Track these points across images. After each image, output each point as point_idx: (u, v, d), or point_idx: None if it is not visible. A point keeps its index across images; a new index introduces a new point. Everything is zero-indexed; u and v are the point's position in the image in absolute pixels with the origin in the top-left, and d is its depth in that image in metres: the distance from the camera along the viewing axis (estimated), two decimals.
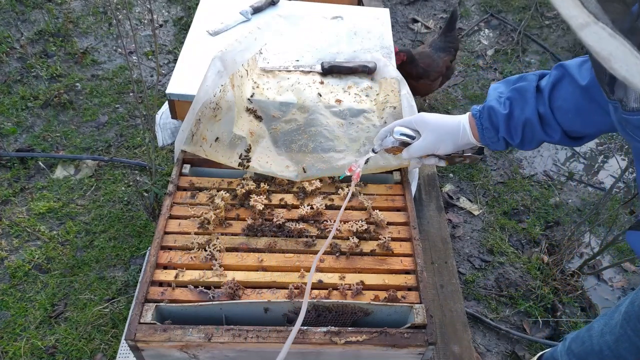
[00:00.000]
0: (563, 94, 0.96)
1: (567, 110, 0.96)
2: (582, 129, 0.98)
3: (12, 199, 2.22)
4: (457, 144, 1.14)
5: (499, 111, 1.03)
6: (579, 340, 1.44)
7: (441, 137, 1.13)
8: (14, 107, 2.59)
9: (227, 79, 1.41)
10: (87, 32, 3.09)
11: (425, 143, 1.14)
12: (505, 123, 1.03)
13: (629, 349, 1.23)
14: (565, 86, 0.96)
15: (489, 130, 1.07)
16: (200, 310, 1.11)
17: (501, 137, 1.06)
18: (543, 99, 0.99)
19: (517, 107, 1.02)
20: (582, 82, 0.92)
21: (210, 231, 1.26)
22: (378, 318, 1.14)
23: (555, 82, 0.98)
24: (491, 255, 2.22)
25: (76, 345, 1.79)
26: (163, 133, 2.37)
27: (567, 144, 1.03)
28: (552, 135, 1.01)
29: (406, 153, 1.19)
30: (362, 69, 1.60)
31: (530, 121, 1.00)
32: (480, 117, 1.08)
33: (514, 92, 1.03)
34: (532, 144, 1.05)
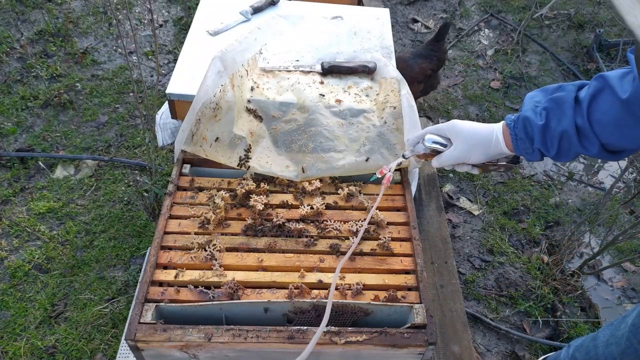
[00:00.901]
0: (602, 107, 0.93)
1: (606, 123, 0.93)
2: (620, 143, 0.95)
3: (12, 199, 2.22)
4: (489, 154, 1.11)
5: (534, 122, 1.00)
6: (584, 349, 1.42)
7: (473, 146, 1.10)
8: (14, 107, 2.59)
9: (227, 79, 1.41)
10: (87, 32, 3.09)
11: (457, 152, 1.12)
12: (541, 134, 1.00)
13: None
14: (605, 98, 0.93)
15: (523, 141, 1.04)
16: (200, 310, 1.11)
17: (536, 149, 1.03)
18: (581, 111, 0.95)
19: (554, 118, 0.98)
20: (622, 95, 0.89)
21: (210, 231, 1.26)
22: (378, 318, 1.14)
23: (594, 94, 0.94)
24: (491, 255, 2.22)
25: (76, 345, 1.79)
26: (163, 133, 2.37)
27: (605, 157, 1.00)
28: (589, 148, 0.97)
29: (436, 162, 1.16)
30: (362, 69, 1.60)
31: (568, 133, 0.97)
32: (515, 127, 1.05)
33: (551, 102, 1.00)
34: (568, 156, 1.02)
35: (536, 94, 1.05)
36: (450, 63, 3.21)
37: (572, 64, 3.21)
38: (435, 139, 1.15)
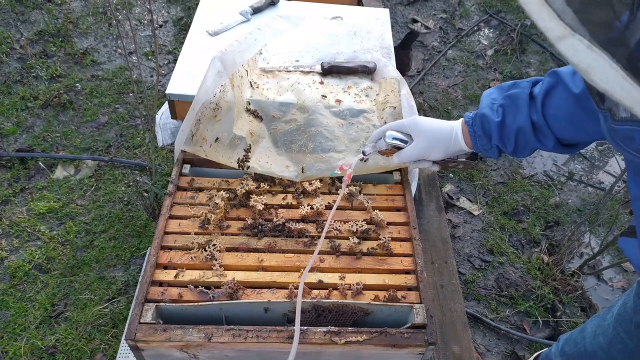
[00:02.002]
0: (556, 102, 0.96)
1: (560, 118, 0.96)
2: (575, 137, 0.97)
3: (12, 199, 2.22)
4: (449, 151, 1.13)
5: (491, 119, 1.02)
6: (572, 341, 1.43)
7: (433, 143, 1.12)
8: (14, 107, 2.59)
9: (227, 79, 1.41)
10: (87, 32, 3.09)
11: (418, 149, 1.14)
12: (498, 131, 1.02)
13: (621, 350, 1.22)
14: (558, 94, 0.95)
15: (481, 137, 1.06)
16: (200, 310, 1.11)
17: (494, 145, 1.05)
18: (536, 107, 0.98)
19: (510, 115, 1.00)
20: (575, 90, 0.92)
21: (210, 231, 1.26)
22: (378, 318, 1.14)
23: (548, 90, 0.97)
24: (491, 255, 2.22)
25: (76, 345, 1.79)
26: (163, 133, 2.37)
27: (560, 151, 1.02)
28: (545, 143, 1.00)
29: (397, 158, 1.18)
30: (362, 69, 1.60)
31: (523, 129, 0.99)
32: (473, 125, 1.07)
33: (506, 99, 1.02)
34: (525, 152, 1.04)
35: (492, 91, 1.07)
36: (450, 63, 3.21)
37: None
38: (396, 135, 1.16)
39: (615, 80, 0.47)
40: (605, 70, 0.47)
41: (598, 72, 0.48)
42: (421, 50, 3.29)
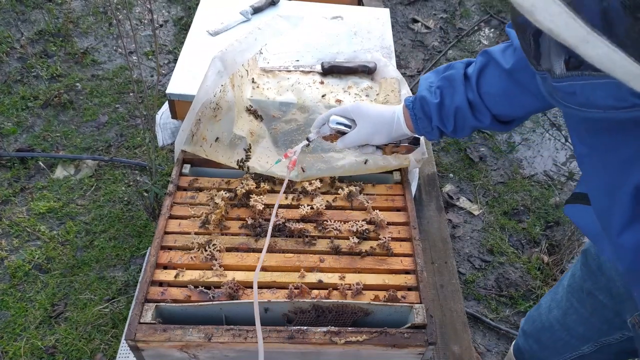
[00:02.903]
0: (489, 80, 0.99)
1: (495, 94, 0.99)
2: (510, 112, 1.01)
3: (12, 199, 2.22)
4: (392, 135, 1.14)
5: (430, 101, 1.05)
6: (530, 320, 1.46)
7: (376, 127, 1.13)
8: (14, 107, 2.59)
9: (227, 79, 1.41)
10: (87, 32, 3.09)
11: (360, 133, 1.14)
12: (438, 112, 1.05)
13: (577, 320, 1.25)
14: (491, 72, 0.99)
15: (422, 120, 1.09)
16: (200, 310, 1.11)
17: (435, 126, 1.08)
18: (471, 86, 1.01)
19: (448, 96, 1.04)
20: (506, 65, 0.95)
21: (210, 231, 1.26)
22: (378, 318, 1.14)
23: (481, 69, 1.00)
24: (491, 255, 2.22)
25: (76, 345, 1.79)
26: (163, 133, 2.37)
27: (497, 128, 1.06)
28: (482, 120, 1.03)
29: (341, 143, 1.18)
30: (362, 69, 1.60)
31: (461, 108, 1.02)
32: (414, 108, 1.09)
33: (443, 80, 1.05)
34: (464, 131, 1.07)
35: (429, 75, 1.10)
36: None
37: None
38: (340, 120, 1.16)
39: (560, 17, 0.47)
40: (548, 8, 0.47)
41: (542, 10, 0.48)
42: (421, 50, 3.30)
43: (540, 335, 1.39)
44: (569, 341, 1.29)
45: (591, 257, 1.18)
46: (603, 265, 1.13)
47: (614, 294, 1.12)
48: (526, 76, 0.92)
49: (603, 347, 1.22)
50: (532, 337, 1.44)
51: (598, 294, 1.16)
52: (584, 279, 1.20)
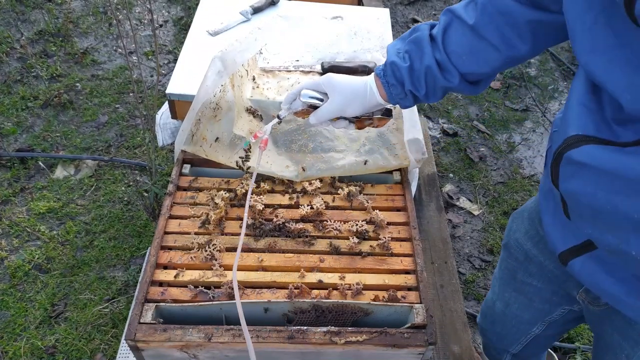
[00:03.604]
0: (454, 38, 0.99)
1: (461, 53, 0.99)
2: (477, 69, 1.01)
3: (12, 199, 2.22)
4: (365, 106, 1.12)
5: (400, 65, 1.04)
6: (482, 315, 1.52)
7: (348, 99, 1.11)
8: (14, 107, 2.59)
9: (227, 79, 1.41)
10: (87, 32, 3.10)
11: (333, 106, 1.12)
12: (409, 75, 1.04)
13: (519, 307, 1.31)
14: (455, 29, 0.99)
15: (395, 86, 1.07)
16: (200, 310, 1.11)
17: (408, 91, 1.07)
18: (437, 46, 1.01)
19: (417, 59, 1.03)
20: (469, 21, 0.96)
21: (210, 231, 1.26)
22: (378, 318, 1.14)
23: (445, 27, 1.00)
24: (491, 255, 2.22)
25: (76, 345, 1.79)
26: (163, 133, 2.37)
27: (467, 90, 1.05)
28: (451, 80, 1.02)
29: (314, 118, 1.16)
30: (362, 69, 1.60)
31: (430, 68, 1.02)
32: (385, 75, 1.08)
33: (410, 44, 1.05)
34: (436, 94, 1.06)
35: (396, 42, 1.10)
36: None
37: (572, 64, 3.21)
38: (312, 94, 1.14)
39: None
40: None
41: None
42: None
43: (494, 328, 1.45)
44: (519, 327, 1.35)
45: (514, 249, 1.24)
46: (529, 253, 1.19)
47: (548, 277, 1.17)
48: (489, 29, 0.94)
49: (550, 324, 1.28)
50: (488, 331, 1.50)
51: (532, 281, 1.22)
52: (515, 271, 1.26)
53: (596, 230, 0.82)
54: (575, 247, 0.93)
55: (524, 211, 1.24)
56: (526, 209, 1.24)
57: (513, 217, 1.28)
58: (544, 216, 1.02)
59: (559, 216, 0.93)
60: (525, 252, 1.20)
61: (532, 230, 1.18)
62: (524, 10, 0.91)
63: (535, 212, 1.17)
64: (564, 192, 0.84)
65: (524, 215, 1.23)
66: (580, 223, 0.86)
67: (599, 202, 0.76)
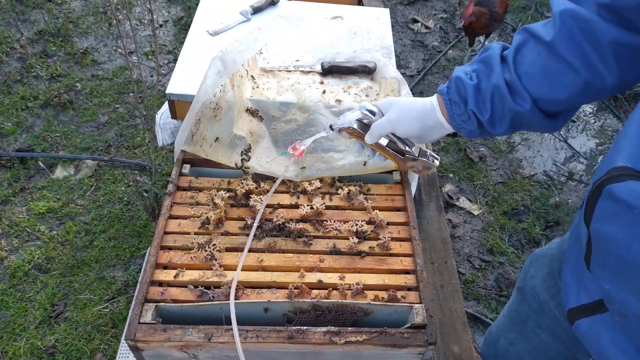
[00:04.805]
0: (528, 57, 0.91)
1: (534, 73, 0.90)
2: (552, 94, 0.90)
3: (12, 199, 2.22)
4: (423, 124, 1.03)
5: (466, 82, 0.97)
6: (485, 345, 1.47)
7: (407, 111, 1.04)
8: (14, 107, 2.59)
9: (227, 79, 1.41)
10: (87, 32, 3.09)
11: (387, 118, 1.05)
12: (474, 94, 0.96)
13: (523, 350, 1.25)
14: (530, 48, 0.91)
15: (457, 105, 0.99)
16: (200, 310, 1.11)
17: (470, 112, 0.98)
18: (508, 66, 0.93)
19: (484, 78, 0.95)
20: (546, 37, 0.86)
21: (210, 231, 1.26)
22: (378, 318, 1.14)
23: (519, 47, 0.92)
24: (491, 255, 2.22)
25: (76, 345, 1.79)
26: (163, 133, 2.37)
27: (541, 121, 0.93)
28: (522, 104, 0.92)
29: (369, 136, 1.09)
30: (362, 69, 1.60)
31: (498, 88, 0.92)
32: (448, 92, 1.00)
33: (478, 63, 0.98)
34: (503, 120, 0.96)
35: (464, 66, 1.03)
36: (450, 63, 3.21)
37: None
38: (370, 107, 1.09)
39: None
40: None
41: None
42: (421, 50, 3.30)
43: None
44: None
45: (529, 296, 1.16)
46: (544, 305, 1.11)
47: (559, 335, 1.10)
48: (568, 47, 0.83)
49: None
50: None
51: (540, 333, 1.15)
52: (526, 317, 1.19)
53: (616, 286, 0.72)
54: (586, 306, 0.86)
55: (545, 256, 1.16)
56: (547, 254, 1.15)
57: (531, 260, 1.20)
58: (566, 264, 0.94)
59: (579, 265, 0.86)
60: (540, 302, 1.13)
61: (550, 280, 1.11)
62: (608, 27, 0.79)
63: (557, 260, 1.09)
64: (593, 234, 0.74)
65: (544, 261, 1.15)
66: (599, 274, 0.77)
67: (633, 255, 0.65)
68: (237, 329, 1.06)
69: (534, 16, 3.52)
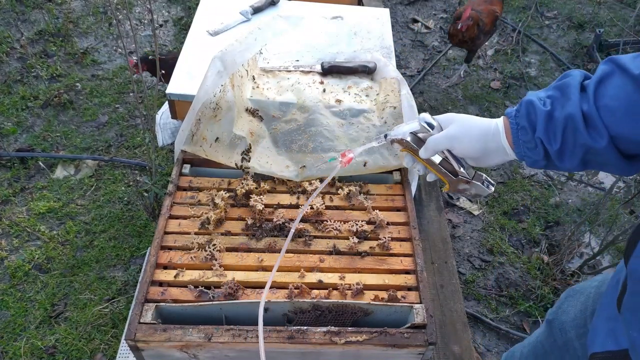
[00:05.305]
0: (611, 90, 0.82)
1: (616, 109, 0.81)
2: (633, 134, 0.81)
3: (12, 199, 2.22)
4: (486, 145, 0.95)
5: (538, 107, 0.88)
6: None
7: (468, 129, 0.96)
8: (14, 107, 2.59)
9: (227, 79, 1.41)
10: (87, 32, 3.09)
11: (446, 133, 0.98)
12: (545, 121, 0.87)
13: None
14: (614, 81, 0.82)
15: (525, 131, 0.90)
16: (200, 310, 1.11)
17: (538, 139, 0.89)
18: (587, 96, 0.84)
19: (559, 106, 0.86)
20: (635, 71, 0.78)
21: (210, 231, 1.26)
22: (378, 318, 1.14)
23: (602, 78, 0.83)
24: (491, 255, 2.22)
25: (76, 345, 1.79)
26: (163, 133, 2.37)
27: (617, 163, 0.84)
28: (597, 140, 0.83)
29: (423, 150, 1.02)
30: (362, 69, 1.60)
31: (573, 119, 0.84)
32: (516, 116, 0.92)
33: (555, 90, 0.89)
34: (574, 154, 0.86)
35: (538, 91, 0.96)
36: (450, 63, 3.21)
37: (572, 64, 3.21)
38: (429, 120, 1.02)
39: None
40: None
41: None
42: (421, 50, 3.30)
43: None
44: None
45: (556, 332, 1.14)
46: (569, 344, 1.09)
47: None
48: None
49: None
50: None
51: None
52: (549, 352, 1.18)
53: None
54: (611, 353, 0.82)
55: (582, 293, 1.12)
56: (584, 291, 1.12)
57: (568, 294, 1.17)
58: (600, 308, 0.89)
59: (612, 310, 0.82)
60: (566, 340, 1.10)
61: (581, 319, 1.08)
62: None
63: (592, 300, 1.06)
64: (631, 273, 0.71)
65: (580, 298, 1.11)
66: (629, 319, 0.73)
67: None
68: (238, 329, 1.06)
69: (534, 16, 3.53)
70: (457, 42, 2.69)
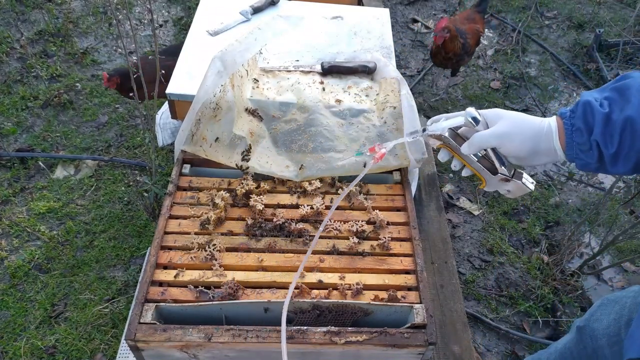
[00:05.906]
0: None
1: None
2: None
3: (12, 199, 2.22)
4: (537, 145, 0.91)
5: (596, 109, 0.84)
6: None
7: (520, 129, 0.92)
8: (14, 107, 2.59)
9: (227, 79, 1.41)
10: (87, 32, 3.09)
11: (494, 131, 0.93)
12: (603, 123, 0.83)
13: None
14: None
15: (580, 132, 0.86)
16: (200, 310, 1.11)
17: (593, 142, 0.85)
18: None
19: (617, 108, 0.83)
20: None
21: (210, 231, 1.26)
22: (378, 318, 1.14)
23: None
24: (491, 255, 2.22)
25: (76, 345, 1.79)
26: (163, 133, 2.37)
27: None
28: None
29: (467, 146, 0.97)
30: (362, 69, 1.60)
31: (632, 121, 0.80)
32: (572, 116, 0.88)
33: (613, 91, 0.86)
34: (628, 158, 0.84)
35: (592, 91, 0.92)
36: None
37: (572, 64, 3.21)
38: (475, 115, 0.96)
39: None
40: None
41: None
42: (421, 50, 3.29)
43: None
44: None
45: (587, 338, 1.13)
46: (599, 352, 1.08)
47: None
48: None
49: None
50: None
51: None
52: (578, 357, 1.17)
53: None
54: None
55: (617, 302, 1.11)
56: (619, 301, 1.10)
57: (602, 302, 1.15)
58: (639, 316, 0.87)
59: None
60: (597, 347, 1.09)
61: (614, 327, 1.07)
62: None
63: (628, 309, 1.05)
64: None
65: (615, 307, 1.10)
66: None
67: None
68: (238, 329, 1.06)
69: (534, 16, 3.53)
70: (441, 60, 2.55)
